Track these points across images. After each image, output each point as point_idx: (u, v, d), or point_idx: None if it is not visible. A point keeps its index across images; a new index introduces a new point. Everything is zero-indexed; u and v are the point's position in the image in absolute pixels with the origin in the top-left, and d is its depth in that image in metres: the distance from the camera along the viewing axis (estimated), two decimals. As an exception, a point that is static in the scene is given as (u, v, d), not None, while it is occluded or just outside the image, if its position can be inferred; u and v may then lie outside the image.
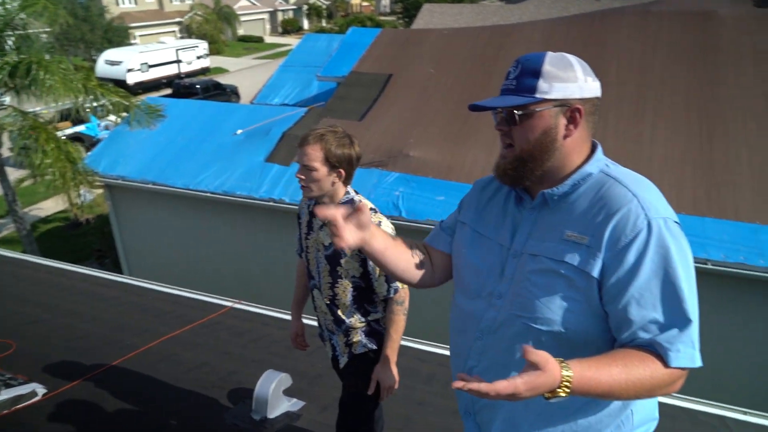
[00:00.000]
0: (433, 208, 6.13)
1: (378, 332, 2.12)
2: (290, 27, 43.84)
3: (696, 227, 5.32)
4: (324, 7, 47.35)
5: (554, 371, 1.00)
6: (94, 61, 26.00)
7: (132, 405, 2.89)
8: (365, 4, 51.96)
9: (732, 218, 5.33)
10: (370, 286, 2.03)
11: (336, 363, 2.25)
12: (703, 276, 5.14)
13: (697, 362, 1.13)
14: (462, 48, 8.31)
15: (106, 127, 15.47)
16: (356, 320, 2.09)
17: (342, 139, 1.91)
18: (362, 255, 1.96)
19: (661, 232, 1.12)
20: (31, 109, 8.26)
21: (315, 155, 1.86)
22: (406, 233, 7.08)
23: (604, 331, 1.20)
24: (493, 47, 8.13)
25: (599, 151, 1.28)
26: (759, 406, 3.79)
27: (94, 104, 8.38)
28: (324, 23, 43.79)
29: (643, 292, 1.12)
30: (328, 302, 2.09)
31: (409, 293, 2.05)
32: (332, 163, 1.89)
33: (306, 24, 45.44)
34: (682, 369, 1.12)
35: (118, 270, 9.06)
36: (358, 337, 2.12)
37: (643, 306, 1.12)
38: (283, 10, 45.70)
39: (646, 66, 7.12)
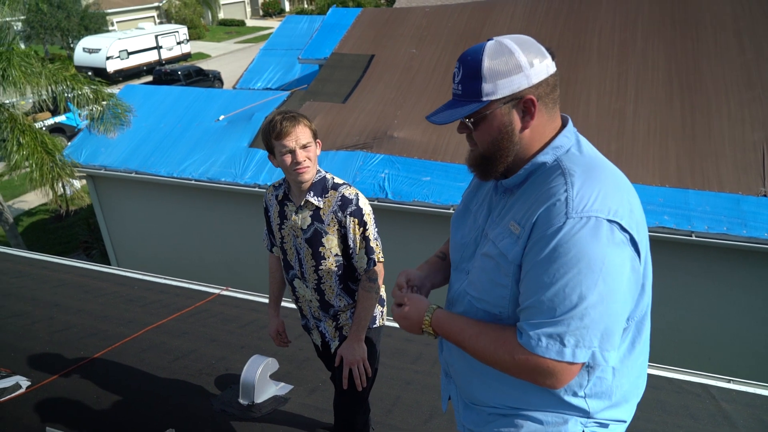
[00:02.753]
0: (420, 188, 6.11)
1: None
2: (272, 9, 43.07)
3: (680, 200, 5.36)
4: (305, -12, 46.57)
5: (419, 307, 1.34)
6: (72, 49, 25.43)
7: (117, 395, 2.87)
8: (347, -16, 51.19)
9: (715, 189, 5.37)
10: (352, 262, 2.03)
11: (326, 349, 2.23)
12: (687, 247, 5.25)
13: (566, 357, 1.11)
14: (444, 26, 8.22)
15: (86, 117, 15.21)
16: (343, 303, 2.09)
17: (307, 117, 1.96)
18: (342, 231, 1.97)
19: (572, 231, 1.09)
20: (6, 101, 8.06)
21: (306, 132, 1.91)
22: (392, 214, 7.01)
23: None
24: (475, 24, 8.05)
25: (561, 136, 1.23)
26: (741, 373, 3.87)
27: (68, 95, 8.17)
28: (305, 4, 43.09)
29: (532, 281, 1.14)
30: (314, 287, 2.07)
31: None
32: (316, 136, 1.96)
33: (287, 6, 44.68)
34: (550, 360, 1.12)
35: (106, 261, 8.98)
36: (347, 318, 2.13)
37: (530, 293, 1.14)
38: (263, -8, 44.88)
39: (628, 40, 7.10)
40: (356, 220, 1.95)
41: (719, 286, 5.47)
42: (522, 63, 1.15)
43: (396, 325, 3.63)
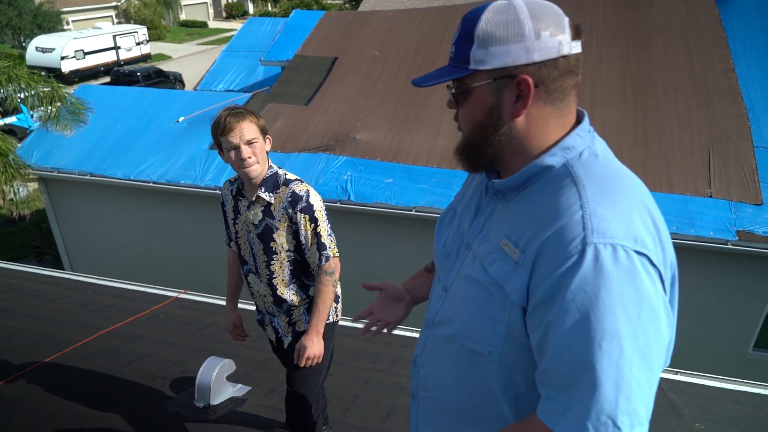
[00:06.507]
0: (382, 190, 6.14)
1: None
2: (235, 11, 42.53)
3: (632, 201, 5.55)
4: (269, -10, 46.20)
5: None
6: (24, 49, 24.51)
7: (67, 400, 2.78)
8: (312, -13, 51.07)
9: (665, 191, 5.59)
10: (305, 258, 2.03)
11: (280, 344, 2.24)
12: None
13: None
14: (407, 30, 8.30)
15: (40, 118, 14.67)
16: (297, 298, 2.09)
17: (254, 113, 1.96)
18: (294, 227, 1.97)
19: (595, 265, 0.83)
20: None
21: (251, 128, 1.90)
22: (354, 216, 7.00)
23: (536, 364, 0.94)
24: (438, 29, 8.16)
25: (573, 134, 0.98)
26: (688, 366, 4.03)
27: (22, 95, 7.86)
28: (270, 7, 42.75)
29: (551, 340, 0.87)
30: (267, 282, 2.07)
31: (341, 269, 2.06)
32: (264, 132, 1.95)
33: (251, 8, 44.21)
34: None
35: (59, 267, 8.67)
36: (301, 314, 2.13)
37: (550, 355, 0.87)
38: (227, -6, 44.27)
39: (584, 46, 7.28)
40: (307, 217, 1.96)
41: (669, 284, 5.68)
42: (525, 31, 0.90)
43: (354, 324, 3.63)
